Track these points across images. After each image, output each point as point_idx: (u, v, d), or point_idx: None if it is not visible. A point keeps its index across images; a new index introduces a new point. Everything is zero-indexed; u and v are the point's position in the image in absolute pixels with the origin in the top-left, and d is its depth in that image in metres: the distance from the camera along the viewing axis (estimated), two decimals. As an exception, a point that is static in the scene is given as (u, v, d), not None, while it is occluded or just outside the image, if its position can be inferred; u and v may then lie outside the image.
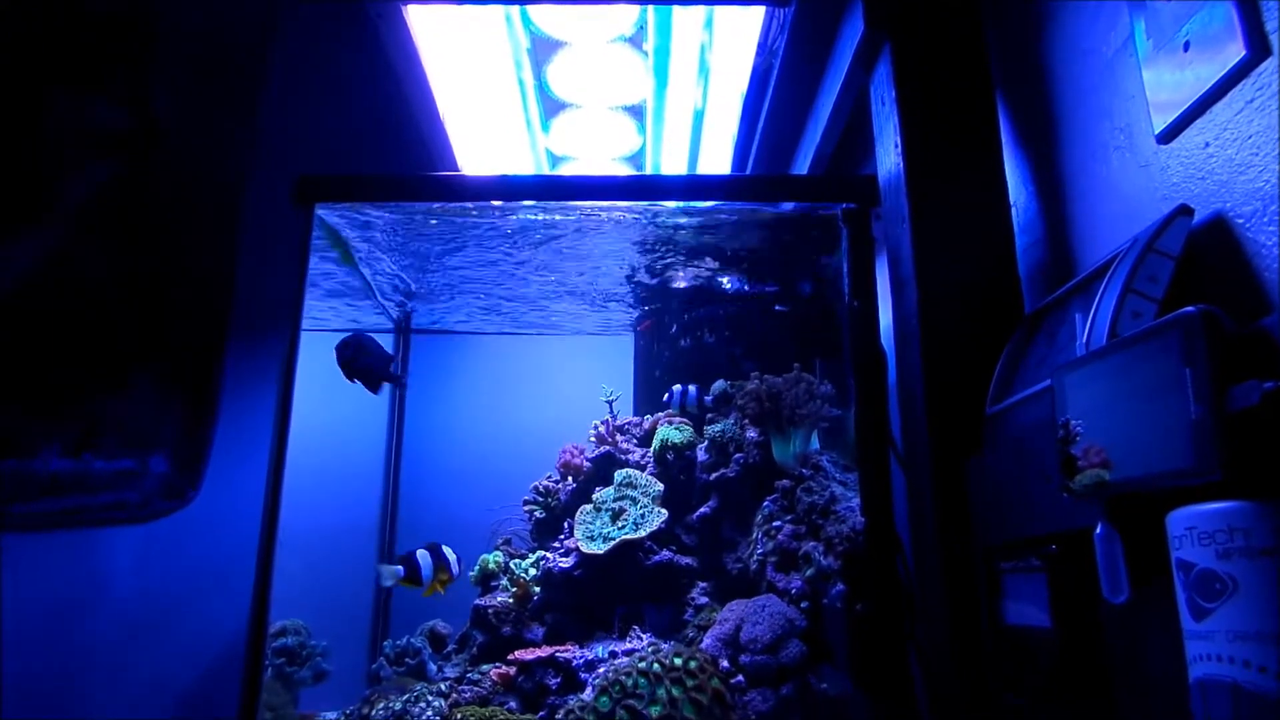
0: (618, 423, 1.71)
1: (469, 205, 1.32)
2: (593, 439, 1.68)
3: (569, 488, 1.63)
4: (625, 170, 1.94)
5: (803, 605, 1.21)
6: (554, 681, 1.27)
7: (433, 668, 1.52)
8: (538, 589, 1.48)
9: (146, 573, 1.17)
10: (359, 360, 1.48)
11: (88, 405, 1.03)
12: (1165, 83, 0.71)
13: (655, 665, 1.11)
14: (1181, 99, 0.68)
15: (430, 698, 1.28)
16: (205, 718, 1.23)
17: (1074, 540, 0.65)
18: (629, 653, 1.24)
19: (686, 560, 1.43)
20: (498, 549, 1.64)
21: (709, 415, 1.60)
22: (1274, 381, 0.45)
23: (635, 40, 1.49)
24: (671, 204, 1.32)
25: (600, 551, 1.41)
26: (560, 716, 1.15)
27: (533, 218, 1.37)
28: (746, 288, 1.74)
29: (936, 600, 0.88)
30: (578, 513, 1.52)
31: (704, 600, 1.37)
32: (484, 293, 1.77)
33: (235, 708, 1.07)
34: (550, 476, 1.67)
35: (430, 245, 1.51)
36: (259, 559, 1.11)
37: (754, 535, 1.36)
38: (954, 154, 1.00)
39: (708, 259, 1.61)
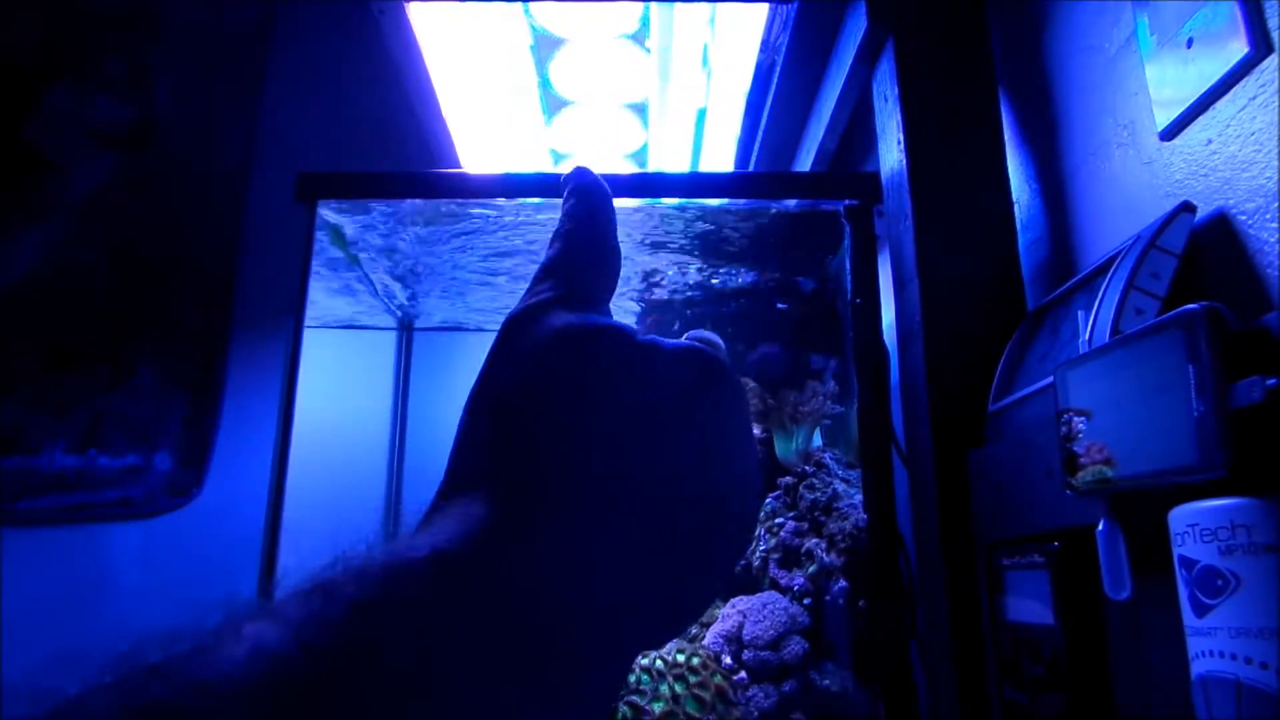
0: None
1: (467, 214, 1.32)
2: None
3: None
4: (628, 167, 1.94)
5: (805, 602, 1.21)
6: (557, 678, 1.27)
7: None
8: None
9: (151, 570, 1.18)
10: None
11: (92, 402, 1.03)
12: (1168, 79, 0.71)
13: (658, 662, 1.11)
14: (1184, 96, 0.68)
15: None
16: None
17: (1076, 537, 0.65)
18: (631, 649, 1.24)
19: (689, 557, 1.43)
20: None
21: None
22: (1277, 378, 0.45)
23: (638, 37, 1.49)
24: (674, 201, 1.32)
25: (603, 548, 1.40)
26: (563, 712, 1.15)
27: (540, 217, 1.37)
28: (748, 284, 1.74)
29: (938, 597, 0.88)
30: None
31: (706, 597, 1.37)
32: (485, 292, 1.77)
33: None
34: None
35: (428, 246, 1.51)
36: (263, 556, 1.11)
37: (757, 532, 1.37)
38: (957, 151, 1.00)
39: (710, 256, 1.61)
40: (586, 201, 0.34)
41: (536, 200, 1.31)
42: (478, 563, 0.22)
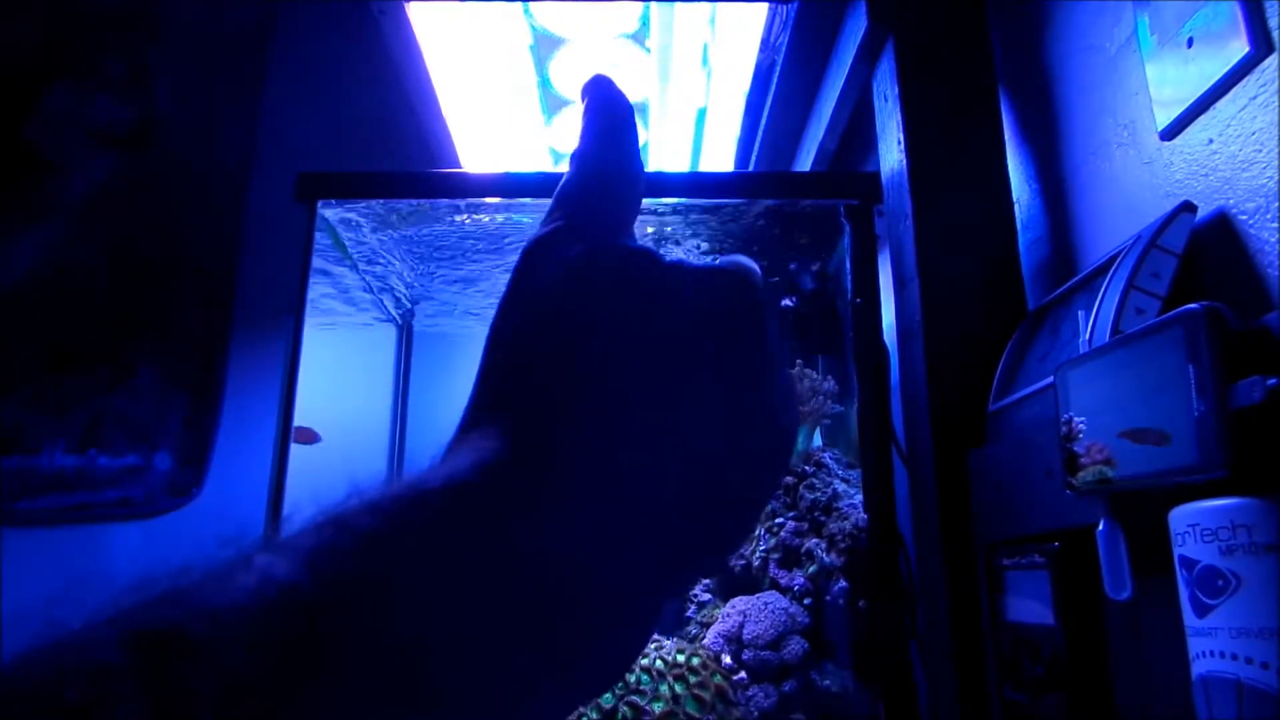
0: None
1: (462, 212, 1.32)
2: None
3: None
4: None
5: (805, 602, 1.21)
6: (557, 678, 1.27)
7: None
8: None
9: (151, 569, 1.17)
10: None
11: (92, 402, 1.03)
12: (1169, 79, 0.71)
13: (658, 662, 1.11)
14: (1185, 95, 0.68)
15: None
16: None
17: (1076, 537, 0.65)
18: (632, 649, 1.24)
19: (689, 557, 1.43)
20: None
21: None
22: (1277, 378, 0.45)
23: (638, 37, 1.49)
24: (673, 200, 1.32)
25: (603, 548, 1.40)
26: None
27: (527, 220, 1.37)
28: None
29: (938, 597, 0.88)
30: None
31: (707, 597, 1.37)
32: (485, 291, 1.77)
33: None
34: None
35: (426, 246, 1.52)
36: (263, 555, 1.11)
37: (757, 532, 1.37)
38: (957, 151, 1.00)
39: (709, 255, 1.61)
40: (604, 117, 0.32)
41: (537, 200, 1.31)
42: (493, 494, 0.22)
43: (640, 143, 0.32)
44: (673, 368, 0.25)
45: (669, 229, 1.45)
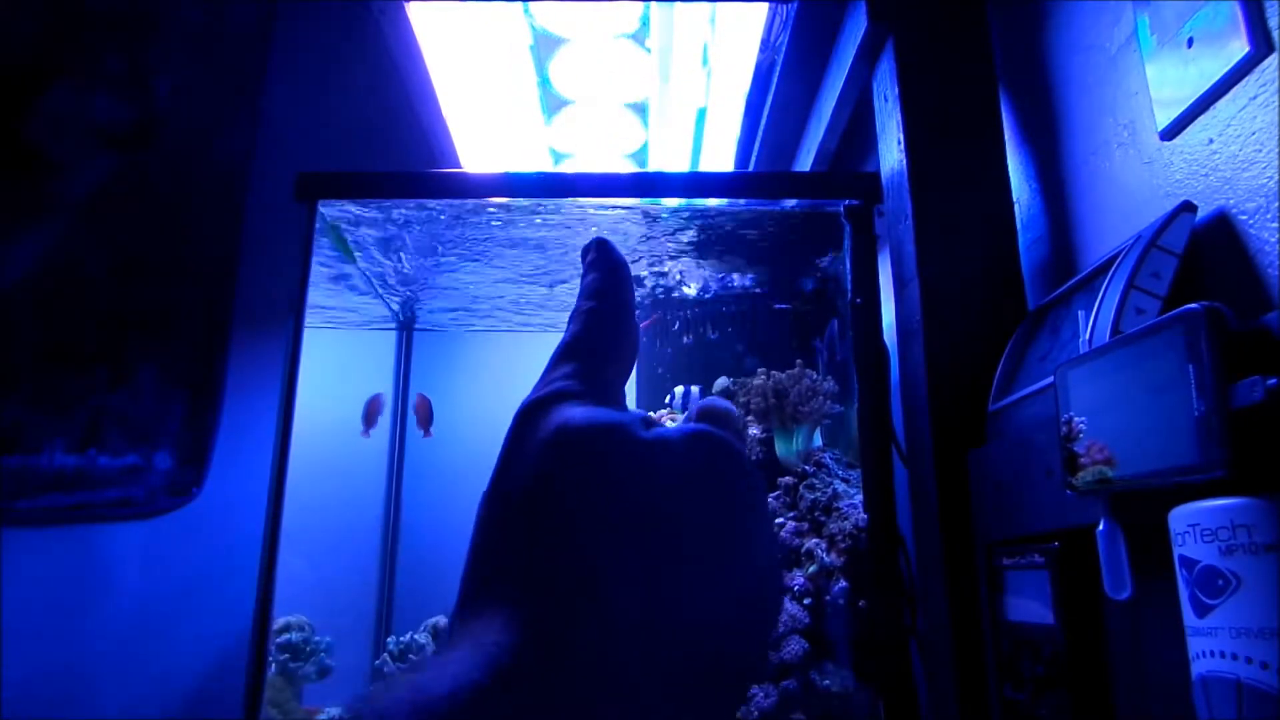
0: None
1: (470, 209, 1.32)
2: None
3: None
4: (628, 167, 1.94)
5: (805, 602, 1.21)
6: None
7: (436, 664, 1.52)
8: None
9: (151, 569, 1.17)
10: None
11: (92, 401, 1.03)
12: (1169, 79, 0.71)
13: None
14: (1185, 95, 0.68)
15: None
16: (210, 714, 1.23)
17: (1076, 537, 0.65)
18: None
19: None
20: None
21: None
22: (1277, 378, 0.45)
23: (638, 37, 1.49)
24: (673, 201, 1.32)
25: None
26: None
27: (536, 223, 1.37)
28: (749, 284, 1.74)
29: (938, 597, 0.88)
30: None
31: (706, 597, 1.37)
32: (486, 292, 1.77)
33: (240, 704, 1.07)
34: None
35: (429, 246, 1.52)
36: (263, 555, 1.11)
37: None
38: (957, 151, 1.00)
39: (710, 256, 1.61)
40: (606, 278, 0.34)
41: (537, 200, 1.31)
42: (502, 694, 0.23)
43: (634, 304, 0.35)
44: (662, 539, 0.26)
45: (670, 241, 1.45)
